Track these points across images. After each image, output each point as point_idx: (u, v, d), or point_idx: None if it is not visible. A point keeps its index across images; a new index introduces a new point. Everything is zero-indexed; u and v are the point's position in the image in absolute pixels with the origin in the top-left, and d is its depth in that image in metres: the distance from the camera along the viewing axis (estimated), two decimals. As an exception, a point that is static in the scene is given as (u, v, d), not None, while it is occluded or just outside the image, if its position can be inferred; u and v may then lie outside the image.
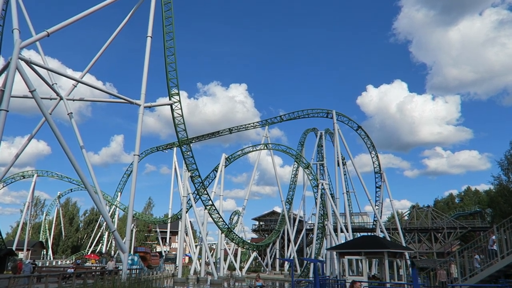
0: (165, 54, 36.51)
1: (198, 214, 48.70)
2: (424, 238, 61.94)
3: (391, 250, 16.59)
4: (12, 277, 17.62)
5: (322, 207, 48.26)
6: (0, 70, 28.93)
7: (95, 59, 37.27)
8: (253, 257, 59.40)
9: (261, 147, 56.49)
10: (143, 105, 32.92)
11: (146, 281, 30.37)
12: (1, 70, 28.23)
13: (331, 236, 44.53)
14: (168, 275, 46.32)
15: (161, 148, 67.78)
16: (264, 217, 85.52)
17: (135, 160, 32.86)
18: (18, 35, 25.48)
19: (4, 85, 23.64)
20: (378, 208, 51.84)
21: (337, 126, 49.22)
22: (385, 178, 52.00)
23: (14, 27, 26.20)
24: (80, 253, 77.35)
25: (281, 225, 63.28)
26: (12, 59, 23.43)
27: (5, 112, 22.26)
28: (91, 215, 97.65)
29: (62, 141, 25.60)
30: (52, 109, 34.54)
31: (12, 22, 27.12)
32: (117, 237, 30.85)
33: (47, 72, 32.52)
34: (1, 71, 28.13)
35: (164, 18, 36.49)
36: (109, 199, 69.42)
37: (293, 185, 62.31)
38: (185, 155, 41.17)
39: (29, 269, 24.20)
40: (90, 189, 28.87)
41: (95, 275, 26.57)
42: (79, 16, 29.16)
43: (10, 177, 60.85)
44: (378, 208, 51.66)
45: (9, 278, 17.32)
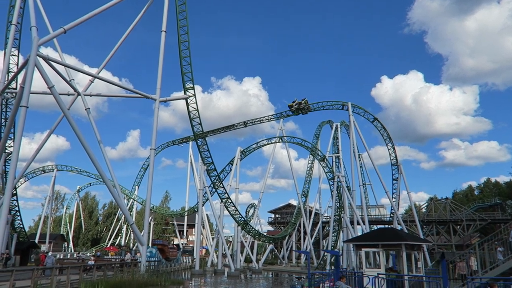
0: (179, 48, 36.67)
1: (214, 207, 49.01)
2: (442, 230, 61.10)
3: (409, 242, 16.42)
4: (36, 268, 18.13)
5: (338, 200, 48.03)
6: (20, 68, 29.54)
7: (111, 55, 37.72)
8: (269, 249, 59.66)
9: (276, 140, 56.39)
10: (158, 99, 33.24)
11: (164, 273, 30.89)
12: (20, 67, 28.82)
13: (348, 229, 44.35)
14: (186, 267, 46.92)
15: (176, 142, 68.38)
16: (280, 210, 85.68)
17: (151, 154, 33.28)
18: (36, 32, 25.97)
19: (23, 82, 24.15)
20: (395, 200, 51.30)
21: (353, 118, 48.72)
22: (402, 170, 51.37)
23: (32, 24, 26.70)
24: (100, 246, 78.99)
25: (297, 217, 63.29)
26: (31, 56, 23.88)
27: (25, 108, 22.77)
28: (110, 208, 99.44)
29: (80, 136, 26.09)
30: (70, 104, 35.15)
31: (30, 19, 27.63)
32: (136, 230, 31.41)
33: (64, 68, 33.05)
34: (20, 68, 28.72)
35: (178, 12, 36.59)
36: (127, 192, 70.52)
37: (309, 177, 62.16)
38: (201, 148, 41.44)
39: (51, 261, 24.84)
40: (109, 183, 29.43)
41: (115, 267, 27.14)
42: (95, 12, 29.51)
43: (31, 172, 62.31)
44: (395, 200, 51.14)
45: (32, 269, 17.84)
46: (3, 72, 32.53)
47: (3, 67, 33.13)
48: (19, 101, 24.07)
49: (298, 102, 51.43)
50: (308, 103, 51.54)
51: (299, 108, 51.72)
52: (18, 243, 38.64)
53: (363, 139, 48.79)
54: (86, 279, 21.09)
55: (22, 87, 24.13)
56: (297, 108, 51.77)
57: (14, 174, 22.66)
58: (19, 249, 37.89)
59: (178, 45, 36.66)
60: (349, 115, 48.91)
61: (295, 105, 51.47)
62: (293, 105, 51.84)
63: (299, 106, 51.27)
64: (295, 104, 51.57)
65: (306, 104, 51.28)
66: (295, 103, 51.56)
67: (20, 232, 42.71)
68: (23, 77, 25.21)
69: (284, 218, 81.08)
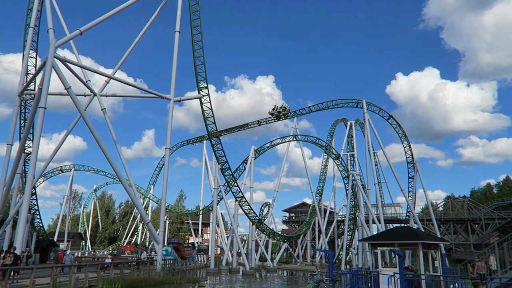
0: (193, 48, 36.87)
1: (228, 206, 49.19)
2: (460, 229, 60.05)
3: (425, 241, 16.18)
4: (55, 266, 18.50)
5: (353, 198, 47.66)
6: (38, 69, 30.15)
7: (126, 56, 38.19)
8: (284, 248, 59.61)
9: (290, 138, 56.24)
10: (173, 99, 33.49)
11: (180, 272, 31.14)
12: (38, 69, 29.41)
13: (363, 228, 43.98)
14: (201, 266, 47.24)
15: (191, 142, 68.83)
16: (294, 209, 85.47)
17: (166, 154, 33.59)
18: (53, 34, 26.40)
19: (41, 83, 24.62)
20: (411, 198, 50.66)
21: (368, 116, 48.24)
22: (418, 168, 50.68)
23: (49, 27, 27.14)
24: (116, 244, 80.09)
25: (312, 216, 63.05)
26: (48, 58, 24.33)
27: (43, 109, 23.23)
28: (126, 207, 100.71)
29: (97, 136, 26.48)
30: (86, 105, 35.73)
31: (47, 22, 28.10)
32: (151, 229, 31.75)
33: (81, 69, 33.57)
34: (38, 70, 29.31)
35: (192, 12, 36.76)
36: (143, 192, 71.33)
37: (323, 176, 61.84)
38: (215, 147, 41.61)
39: (69, 259, 25.31)
40: (125, 183, 29.80)
41: (131, 265, 27.50)
42: (110, 14, 29.86)
43: (50, 172, 63.50)
44: (411, 198, 50.49)
45: (51, 267, 18.21)
46: (21, 74, 33.23)
47: (21, 69, 33.85)
48: (37, 102, 24.56)
49: (278, 111, 52.81)
50: (288, 110, 53.16)
51: (278, 116, 53.17)
52: (38, 242, 39.48)
53: (378, 137, 48.31)
54: (103, 277, 21.41)
55: (40, 88, 24.62)
56: (277, 116, 53.16)
57: (33, 174, 23.16)
58: (39, 247, 38.71)
59: (192, 45, 36.87)
60: (363, 112, 48.45)
61: (276, 113, 52.69)
62: (273, 113, 53.02)
63: (279, 114, 52.73)
64: (276, 111, 52.80)
65: (285, 110, 52.78)
66: (276, 110, 52.76)
67: (39, 230, 43.61)
68: (41, 79, 25.72)
69: (298, 217, 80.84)
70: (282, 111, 52.52)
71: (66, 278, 18.49)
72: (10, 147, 31.52)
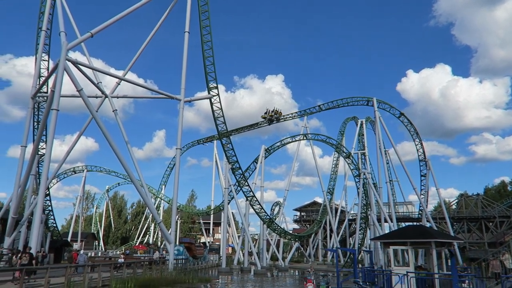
0: (202, 48, 36.99)
1: (239, 206, 49.27)
2: (474, 227, 59.20)
3: (439, 239, 16.02)
4: (69, 266, 18.74)
5: (365, 197, 47.35)
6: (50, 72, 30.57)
7: (136, 57, 38.50)
8: (295, 247, 59.52)
9: (300, 137, 56.10)
10: (183, 99, 33.65)
11: (192, 271, 31.30)
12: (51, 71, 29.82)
13: (375, 226, 43.68)
14: (213, 265, 47.39)
15: (201, 142, 69.08)
16: (305, 208, 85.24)
17: (177, 154, 33.77)
18: (64, 37, 26.75)
19: (54, 85, 24.95)
20: (424, 197, 50.14)
21: (378, 114, 47.87)
22: (430, 166, 50.14)
23: (60, 30, 27.49)
24: (129, 244, 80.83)
25: (323, 215, 62.81)
26: (60, 61, 24.64)
27: (56, 111, 23.56)
28: (138, 207, 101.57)
29: (108, 137, 26.74)
30: (98, 107, 36.12)
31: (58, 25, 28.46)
32: (163, 229, 31.98)
33: (92, 71, 33.93)
34: (51, 72, 29.72)
35: (201, 12, 36.89)
36: (154, 192, 71.82)
37: (334, 175, 61.58)
38: (225, 147, 41.71)
39: (83, 259, 25.61)
40: (136, 183, 30.05)
41: (144, 265, 27.71)
42: (120, 16, 30.11)
43: (63, 173, 64.33)
44: (423, 197, 49.98)
45: (65, 267, 18.45)
46: (34, 77, 33.72)
47: (34, 72, 34.34)
48: (50, 105, 24.90)
49: (270, 114, 53.46)
50: (280, 113, 53.79)
51: (270, 119, 53.85)
52: (52, 242, 40.02)
53: (389, 135, 47.92)
54: (116, 277, 21.61)
55: (52, 90, 24.94)
56: (269, 119, 53.84)
57: (47, 175, 23.49)
58: (53, 247, 39.22)
59: (201, 46, 37.00)
60: (374, 110, 48.08)
61: (268, 116, 53.38)
62: (266, 117, 53.76)
63: (271, 117, 53.42)
64: (268, 115, 53.50)
65: (277, 113, 53.54)
66: (268, 114, 53.36)
67: (53, 231, 44.21)
68: (53, 81, 26.07)
69: (309, 216, 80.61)
70: (274, 114, 53.21)
71: (80, 277, 18.71)
72: (24, 149, 32.05)
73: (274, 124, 55.18)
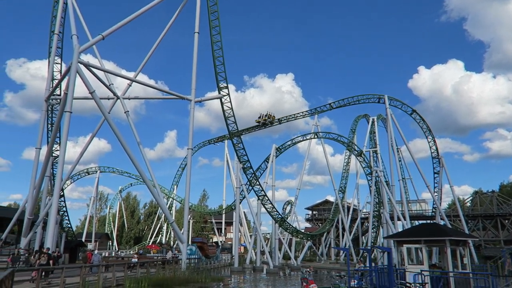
0: (212, 48, 37.10)
1: (251, 205, 49.36)
2: (489, 225, 58.34)
3: (453, 237, 15.81)
4: (83, 266, 19.01)
5: (377, 195, 47.01)
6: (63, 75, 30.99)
7: (147, 59, 38.80)
8: (307, 246, 59.34)
9: (311, 136, 55.90)
10: (193, 100, 33.82)
11: (205, 270, 31.46)
12: (63, 74, 30.24)
13: (388, 225, 43.31)
14: (225, 265, 47.54)
15: (212, 141, 69.31)
16: (317, 207, 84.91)
17: (188, 154, 33.96)
18: (76, 40, 27.08)
19: (67, 88, 25.30)
20: (437, 194, 49.56)
21: (390, 111, 47.45)
22: (443, 163, 49.54)
23: (72, 33, 27.85)
24: (142, 244, 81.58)
25: (335, 214, 62.53)
26: (73, 64, 24.98)
27: (69, 113, 23.90)
28: (151, 207, 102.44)
29: (121, 138, 27.01)
30: (110, 108, 36.50)
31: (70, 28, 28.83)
32: (176, 228, 32.21)
33: (104, 73, 34.31)
34: (64, 75, 30.13)
35: (210, 13, 36.97)
36: (166, 192, 72.33)
37: (346, 173, 61.23)
38: (236, 147, 41.79)
39: (97, 259, 25.92)
40: (149, 183, 30.33)
41: (157, 264, 27.95)
42: (130, 18, 30.38)
43: (77, 174, 65.16)
44: (437, 194, 49.40)
45: (80, 267, 18.72)
46: (47, 80, 34.25)
47: (47, 75, 34.87)
48: (63, 107, 25.26)
49: (264, 119, 54.28)
50: (273, 116, 54.57)
51: (264, 123, 54.74)
52: (67, 242, 40.59)
53: (401, 132, 47.48)
54: (130, 276, 21.85)
55: (65, 93, 25.30)
56: (263, 123, 54.68)
57: (61, 176, 23.85)
58: (68, 247, 39.74)
59: (211, 46, 37.12)
60: (386, 108, 47.68)
61: (262, 120, 54.26)
62: (260, 121, 54.62)
63: (265, 121, 54.36)
64: (262, 119, 54.39)
65: (270, 117, 54.38)
66: (262, 118, 54.21)
67: (68, 231, 44.84)
68: (66, 84, 26.43)
69: (321, 215, 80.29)
70: (268, 118, 54.24)
71: (95, 277, 18.96)
72: (38, 151, 32.60)
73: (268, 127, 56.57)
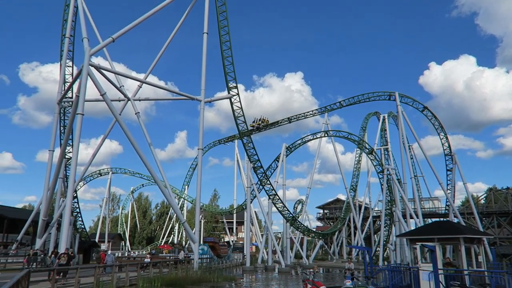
0: (221, 48, 37.18)
1: (262, 204, 49.33)
2: (504, 222, 57.42)
3: (467, 235, 15.62)
4: (97, 266, 19.22)
5: (389, 193, 46.62)
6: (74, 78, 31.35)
7: (156, 60, 39.07)
8: (319, 245, 59.16)
9: (321, 134, 55.71)
10: (203, 100, 33.92)
11: (217, 270, 31.56)
12: (75, 77, 30.59)
13: (400, 223, 42.94)
14: (237, 264, 47.63)
15: (222, 141, 69.49)
16: (328, 205, 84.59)
17: (199, 154, 34.10)
18: (87, 43, 27.34)
19: (78, 91, 25.60)
20: (450, 192, 48.96)
21: (401, 108, 47.02)
22: (456, 160, 48.92)
23: (83, 36, 28.13)
24: (154, 244, 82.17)
25: (346, 212, 62.22)
26: (84, 66, 25.26)
27: (81, 115, 24.17)
28: (162, 208, 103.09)
29: (132, 140, 27.23)
30: (121, 110, 36.84)
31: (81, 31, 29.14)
32: (187, 228, 32.37)
33: (114, 75, 34.62)
34: (75, 78, 30.48)
35: (218, 13, 37.05)
36: (178, 192, 72.75)
37: (357, 171, 60.88)
38: (247, 146, 41.83)
39: (111, 259, 26.17)
40: (160, 184, 30.51)
41: (169, 264, 28.11)
42: (139, 20, 30.58)
43: (89, 175, 65.97)
44: (450, 192, 48.80)
45: (94, 267, 18.94)
46: (59, 83, 34.72)
47: (59, 78, 35.34)
48: (75, 109, 25.58)
49: (258, 123, 55.33)
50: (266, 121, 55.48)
51: (258, 128, 55.70)
52: (81, 243, 41.06)
53: (412, 129, 47.02)
54: (143, 276, 22.02)
55: (77, 95, 25.61)
56: (257, 128, 55.56)
57: (74, 178, 24.14)
58: (82, 248, 40.24)
59: (220, 46, 37.20)
60: (396, 105, 47.26)
61: (256, 125, 55.30)
62: (254, 125, 55.54)
63: (259, 126, 55.42)
64: (256, 124, 55.42)
65: (263, 121, 55.34)
66: (256, 123, 55.28)
67: (81, 232, 45.39)
68: (77, 86, 26.76)
69: (333, 214, 79.96)
70: (262, 122, 55.41)
71: (108, 277, 19.15)
72: (52, 153, 33.06)
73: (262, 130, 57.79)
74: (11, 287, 8.59)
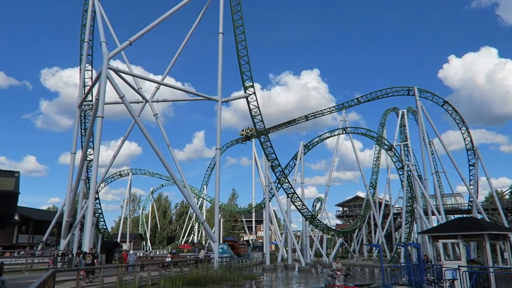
0: (237, 48, 37.26)
1: (281, 203, 49.19)
2: (530, 218, 55.88)
3: (492, 232, 15.24)
4: (120, 266, 19.58)
5: (410, 190, 45.87)
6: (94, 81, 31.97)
7: (173, 61, 39.44)
8: (339, 243, 58.73)
9: (339, 131, 55.21)
10: (220, 100, 34.10)
11: (237, 269, 31.68)
12: (94, 81, 31.19)
13: (422, 220, 42.22)
14: (257, 263, 47.69)
15: (240, 141, 69.67)
16: (348, 203, 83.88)
17: (217, 154, 34.29)
18: (105, 47, 27.83)
19: (98, 94, 26.09)
20: (473, 187, 47.88)
21: (420, 103, 46.22)
22: (479, 154, 47.80)
23: (101, 40, 28.64)
24: (174, 244, 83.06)
25: (366, 210, 61.54)
26: (103, 70, 25.74)
27: (101, 118, 24.64)
28: (182, 207, 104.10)
29: (151, 141, 27.61)
30: (139, 112, 37.38)
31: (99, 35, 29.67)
32: (207, 228, 32.61)
33: (132, 78, 35.14)
34: (94, 81, 31.09)
35: (233, 13, 37.14)
36: (197, 192, 73.31)
37: (376, 168, 60.12)
38: (264, 145, 41.82)
39: (133, 259, 26.61)
40: (179, 184, 30.84)
41: (190, 263, 28.39)
42: (156, 22, 30.96)
43: (110, 177, 67.03)
44: (473, 187, 47.73)
45: (117, 267, 19.30)
46: (79, 87, 35.47)
47: (79, 82, 36.09)
48: (95, 112, 26.08)
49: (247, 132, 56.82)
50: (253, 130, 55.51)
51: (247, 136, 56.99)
52: (103, 243, 41.93)
53: (433, 124, 46.21)
54: (165, 275, 22.34)
55: (97, 99, 26.10)
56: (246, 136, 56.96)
57: (95, 180, 24.66)
58: (104, 248, 41.09)
59: (236, 45, 37.29)
60: (416, 100, 46.48)
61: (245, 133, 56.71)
62: (244, 133, 57.16)
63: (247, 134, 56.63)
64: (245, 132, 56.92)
65: (252, 130, 55.56)
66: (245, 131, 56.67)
67: (104, 232, 46.22)
68: (97, 90, 27.27)
69: (352, 211, 79.24)
70: (250, 131, 56.58)
71: (131, 276, 19.49)
72: (73, 156, 33.82)
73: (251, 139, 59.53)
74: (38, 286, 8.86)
